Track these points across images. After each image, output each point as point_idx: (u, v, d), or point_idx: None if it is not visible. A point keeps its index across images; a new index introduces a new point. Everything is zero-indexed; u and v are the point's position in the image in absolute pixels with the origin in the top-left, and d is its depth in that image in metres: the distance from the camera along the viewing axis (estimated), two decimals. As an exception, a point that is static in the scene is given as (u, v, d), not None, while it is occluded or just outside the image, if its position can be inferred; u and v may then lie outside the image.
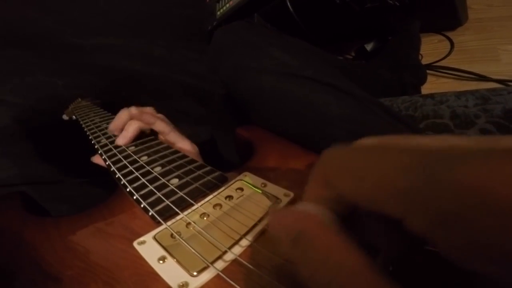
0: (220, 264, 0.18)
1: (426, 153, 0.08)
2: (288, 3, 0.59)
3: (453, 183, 0.07)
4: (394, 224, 0.09)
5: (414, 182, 0.08)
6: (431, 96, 0.51)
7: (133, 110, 0.35)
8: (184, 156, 0.30)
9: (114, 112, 0.47)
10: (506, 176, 0.06)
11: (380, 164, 0.09)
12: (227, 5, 0.66)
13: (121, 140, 0.33)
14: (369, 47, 0.72)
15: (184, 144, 0.37)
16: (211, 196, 0.24)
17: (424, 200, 0.08)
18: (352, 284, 0.09)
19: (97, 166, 0.37)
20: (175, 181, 0.26)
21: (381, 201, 0.09)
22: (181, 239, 0.20)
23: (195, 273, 0.17)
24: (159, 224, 0.21)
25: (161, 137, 0.38)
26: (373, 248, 0.11)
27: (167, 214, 0.22)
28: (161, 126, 0.36)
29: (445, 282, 0.10)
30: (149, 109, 0.37)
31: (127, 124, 0.34)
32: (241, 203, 0.23)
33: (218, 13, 0.68)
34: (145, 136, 0.35)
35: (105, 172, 0.30)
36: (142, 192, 0.24)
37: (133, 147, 0.32)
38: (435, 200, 0.07)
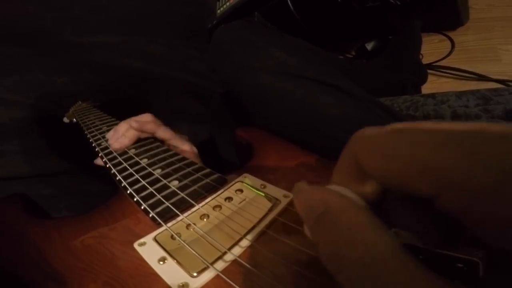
0: (220, 265, 0.18)
1: (461, 131, 0.08)
2: (289, 2, 0.59)
3: (494, 159, 0.07)
4: (422, 209, 0.09)
5: (450, 159, 0.08)
6: (432, 96, 0.51)
7: (133, 123, 0.34)
8: (184, 158, 0.30)
9: (114, 113, 0.47)
10: None
11: (413, 143, 0.09)
12: (228, 3, 0.65)
13: (115, 145, 0.33)
14: (369, 46, 0.72)
15: (185, 147, 0.37)
16: (210, 198, 0.24)
17: (461, 176, 0.08)
18: (377, 264, 0.08)
19: (95, 165, 0.37)
20: (175, 183, 0.26)
21: (414, 179, 0.09)
22: (181, 240, 0.20)
23: (195, 274, 0.18)
24: (159, 225, 0.21)
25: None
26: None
27: (167, 216, 0.22)
28: (164, 133, 0.36)
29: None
30: (147, 117, 0.36)
31: (125, 131, 0.34)
32: (241, 204, 0.23)
33: (218, 11, 0.68)
34: (145, 139, 0.35)
35: (105, 169, 0.30)
36: (142, 194, 0.24)
37: (133, 150, 0.32)
38: (474, 176, 0.07)
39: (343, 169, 0.12)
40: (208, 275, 0.18)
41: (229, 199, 0.24)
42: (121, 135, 0.34)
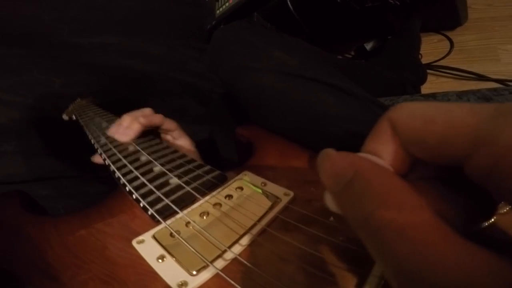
0: (219, 263, 0.18)
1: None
2: (289, 2, 0.59)
3: None
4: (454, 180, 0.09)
5: (483, 118, 0.09)
6: (433, 95, 0.51)
7: (142, 119, 0.34)
8: (184, 155, 0.30)
9: (114, 111, 0.47)
10: None
11: (450, 108, 0.10)
12: (227, 3, 0.65)
13: (122, 138, 0.33)
14: (368, 46, 0.72)
15: (185, 141, 0.37)
16: (210, 195, 0.23)
17: (490, 134, 0.08)
18: (413, 225, 0.09)
19: (96, 164, 0.36)
20: (175, 180, 0.25)
21: (450, 140, 0.09)
22: (180, 238, 0.20)
23: (194, 272, 0.17)
24: (158, 223, 0.21)
25: (166, 136, 0.39)
26: None
27: (167, 213, 0.22)
28: (170, 124, 0.37)
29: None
30: (149, 110, 0.37)
31: (130, 123, 0.34)
32: (241, 202, 0.23)
33: (218, 12, 0.68)
34: (144, 136, 0.35)
35: (104, 170, 0.30)
36: (141, 191, 0.24)
37: (132, 147, 0.32)
38: (500, 132, 0.08)
39: (377, 137, 0.12)
40: (207, 274, 0.17)
41: (229, 196, 0.23)
42: (126, 127, 0.34)
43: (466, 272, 0.08)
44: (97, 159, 0.36)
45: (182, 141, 0.38)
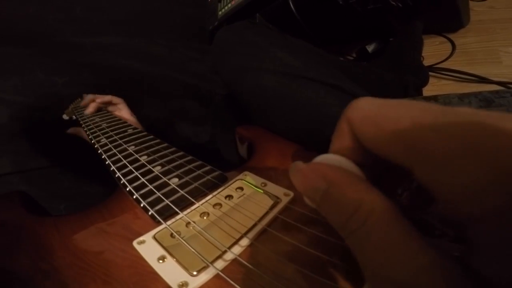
0: (220, 264, 0.18)
1: (435, 110, 0.10)
2: (291, 3, 0.59)
3: (450, 135, 0.09)
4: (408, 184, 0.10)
5: (423, 132, 0.09)
6: (434, 98, 0.51)
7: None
8: (184, 155, 0.30)
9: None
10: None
11: (397, 119, 0.10)
12: (229, 4, 0.65)
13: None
14: (370, 48, 0.72)
15: (126, 113, 0.48)
16: (211, 196, 0.23)
17: (430, 147, 0.09)
18: (382, 226, 0.10)
19: (96, 164, 0.36)
20: (175, 180, 0.25)
21: (395, 149, 0.10)
22: (181, 239, 0.20)
23: (194, 273, 0.17)
24: (158, 223, 0.21)
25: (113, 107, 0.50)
26: None
27: (167, 214, 0.22)
28: (117, 99, 0.51)
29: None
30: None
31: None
32: (241, 202, 0.23)
33: (220, 13, 0.68)
34: (145, 136, 0.35)
35: (104, 170, 0.30)
36: (141, 192, 0.24)
37: (133, 147, 0.32)
38: (437, 148, 0.09)
39: (339, 137, 0.13)
40: (208, 274, 0.17)
41: (229, 197, 0.23)
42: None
43: (417, 269, 0.09)
44: (72, 130, 0.50)
45: (124, 112, 0.49)
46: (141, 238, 0.20)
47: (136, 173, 0.26)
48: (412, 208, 0.12)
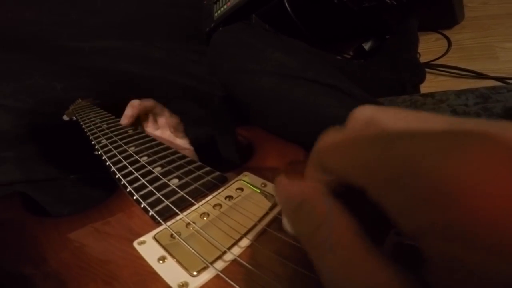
0: (219, 264, 0.18)
1: (386, 133, 0.11)
2: (286, 4, 0.59)
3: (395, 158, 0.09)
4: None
5: (372, 156, 0.10)
6: (431, 95, 0.51)
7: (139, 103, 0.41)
8: (184, 156, 0.30)
9: (114, 113, 0.47)
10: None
11: (355, 143, 0.11)
12: (225, 6, 0.66)
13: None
14: (367, 46, 0.72)
15: (184, 143, 0.40)
16: (210, 197, 0.24)
17: (378, 171, 0.09)
18: (343, 242, 0.10)
19: (99, 168, 0.37)
20: (175, 181, 0.26)
21: (352, 177, 0.11)
22: (181, 239, 0.20)
23: (195, 273, 0.17)
24: (159, 224, 0.21)
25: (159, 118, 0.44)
26: None
27: (167, 214, 0.22)
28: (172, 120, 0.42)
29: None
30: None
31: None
32: (241, 203, 0.23)
33: (216, 14, 0.68)
34: (144, 137, 0.35)
35: (105, 172, 0.30)
36: (142, 193, 0.24)
37: (133, 148, 0.32)
38: (379, 172, 0.09)
39: (311, 166, 0.13)
40: (208, 275, 0.17)
41: (229, 197, 0.23)
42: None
43: (375, 286, 0.09)
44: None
45: (180, 142, 0.41)
46: (141, 239, 0.20)
47: (137, 174, 0.27)
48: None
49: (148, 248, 0.20)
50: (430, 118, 0.11)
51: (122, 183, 0.26)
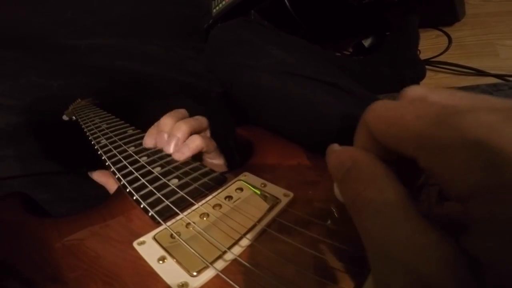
0: (220, 264, 0.18)
1: (436, 105, 0.11)
2: None
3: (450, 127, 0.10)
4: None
5: (425, 125, 0.10)
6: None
7: (193, 121, 0.29)
8: None
9: (113, 112, 0.47)
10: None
11: (404, 114, 0.11)
12: (223, 2, 0.65)
13: (178, 155, 0.27)
14: (366, 43, 0.72)
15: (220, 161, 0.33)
16: (210, 197, 0.24)
17: (431, 140, 0.10)
18: (388, 203, 0.11)
19: (98, 167, 0.36)
20: (175, 181, 0.25)
21: (404, 143, 0.11)
22: (180, 239, 0.20)
23: (195, 273, 0.17)
24: (158, 224, 0.21)
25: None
26: None
27: (167, 215, 0.22)
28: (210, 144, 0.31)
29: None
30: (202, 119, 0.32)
31: (189, 139, 0.29)
32: (241, 203, 0.23)
33: (214, 10, 0.68)
34: (143, 133, 0.35)
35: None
36: (142, 193, 0.24)
37: (133, 148, 0.32)
38: (433, 137, 0.10)
39: (359, 133, 0.14)
40: (208, 275, 0.17)
41: (229, 197, 0.23)
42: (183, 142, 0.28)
43: (418, 249, 0.10)
44: (95, 176, 0.33)
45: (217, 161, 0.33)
46: (141, 239, 0.20)
47: (136, 174, 0.27)
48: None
49: (148, 248, 0.20)
50: (489, 98, 0.11)
51: (122, 183, 0.26)
